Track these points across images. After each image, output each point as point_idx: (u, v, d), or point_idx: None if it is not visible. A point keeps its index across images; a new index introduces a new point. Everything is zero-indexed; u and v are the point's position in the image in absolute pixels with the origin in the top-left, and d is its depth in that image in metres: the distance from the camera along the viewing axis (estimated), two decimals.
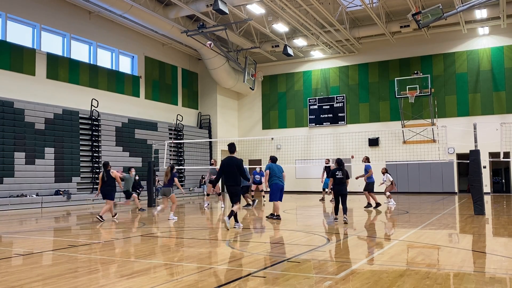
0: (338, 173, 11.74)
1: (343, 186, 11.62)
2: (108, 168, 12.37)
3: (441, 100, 26.05)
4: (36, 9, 19.75)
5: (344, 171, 11.70)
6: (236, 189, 10.24)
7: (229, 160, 10.23)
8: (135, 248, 7.95)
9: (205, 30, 20.42)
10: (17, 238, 9.43)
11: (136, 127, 23.77)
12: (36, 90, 19.42)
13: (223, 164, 10.29)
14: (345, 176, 11.67)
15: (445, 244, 8.14)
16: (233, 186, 10.17)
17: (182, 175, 26.92)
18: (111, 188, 12.37)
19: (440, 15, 15.01)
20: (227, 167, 10.19)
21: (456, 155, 24.34)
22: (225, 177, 10.28)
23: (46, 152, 18.96)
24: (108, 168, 12.37)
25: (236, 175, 10.11)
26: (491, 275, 5.68)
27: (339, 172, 11.70)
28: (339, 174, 11.72)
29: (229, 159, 10.26)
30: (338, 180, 11.72)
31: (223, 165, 10.28)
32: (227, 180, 10.25)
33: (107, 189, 12.31)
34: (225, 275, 5.72)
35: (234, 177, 10.12)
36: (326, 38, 25.51)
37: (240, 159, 10.41)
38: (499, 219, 12.20)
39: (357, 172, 27.37)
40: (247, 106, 31.57)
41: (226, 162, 10.24)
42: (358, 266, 6.15)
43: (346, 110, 28.54)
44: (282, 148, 28.46)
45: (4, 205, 16.63)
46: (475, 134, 13.50)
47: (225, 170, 10.21)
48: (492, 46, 25.29)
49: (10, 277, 5.59)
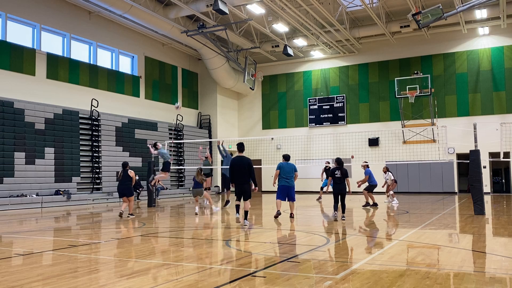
0: (337, 172, 11.93)
1: (342, 185, 11.85)
2: (127, 168, 13.15)
3: (441, 100, 26.06)
4: (36, 9, 19.76)
5: (343, 170, 11.87)
6: (246, 187, 10.53)
7: (239, 159, 10.50)
8: (135, 248, 7.95)
9: (205, 30, 20.42)
10: (17, 238, 9.43)
11: (136, 127, 23.76)
12: (36, 90, 19.41)
13: (233, 163, 10.50)
14: (344, 175, 11.83)
15: (445, 244, 8.14)
16: (243, 184, 10.51)
17: (182, 175, 26.92)
18: (128, 185, 13.10)
19: (440, 15, 15.00)
20: (237, 166, 10.46)
21: (456, 155, 24.35)
22: (235, 175, 10.51)
23: (46, 152, 18.96)
24: (127, 168, 13.15)
25: (246, 173, 10.44)
26: (491, 275, 5.68)
27: (338, 171, 11.90)
28: (338, 174, 11.92)
29: (240, 158, 10.55)
30: (337, 179, 11.93)
31: (233, 163, 10.49)
32: (237, 179, 10.51)
33: (124, 187, 13.06)
34: (225, 275, 5.72)
35: (244, 175, 10.45)
36: (326, 38, 25.51)
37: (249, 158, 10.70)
38: (499, 219, 12.20)
39: (357, 172, 27.43)
40: (247, 106, 31.57)
41: (237, 161, 10.50)
42: (358, 266, 6.14)
43: (346, 110, 28.54)
44: (282, 148, 28.47)
45: (4, 205, 16.63)
46: (475, 134, 13.50)
47: (235, 169, 10.45)
48: (492, 46, 25.29)
49: (10, 277, 5.59)
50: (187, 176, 27.20)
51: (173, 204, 19.87)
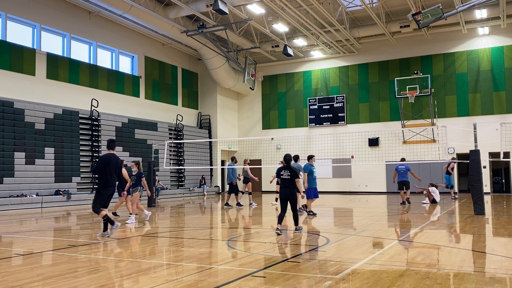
0: (283, 172, 9.21)
1: (290, 189, 9.19)
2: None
3: (441, 100, 26.06)
4: (36, 9, 19.75)
5: (292, 169, 9.26)
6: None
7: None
8: (135, 248, 7.95)
9: (205, 30, 20.42)
10: (17, 238, 9.43)
11: (136, 127, 23.76)
12: (36, 90, 19.41)
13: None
14: (293, 176, 9.20)
15: (445, 244, 8.14)
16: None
17: (182, 175, 26.93)
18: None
19: (440, 15, 15.01)
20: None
21: (456, 155, 24.34)
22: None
23: (46, 152, 18.95)
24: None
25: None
26: (491, 275, 5.68)
27: (285, 171, 9.22)
28: (284, 174, 9.20)
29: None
30: (284, 181, 9.18)
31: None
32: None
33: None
34: (225, 275, 5.72)
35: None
36: (326, 38, 25.51)
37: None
38: (499, 219, 12.20)
39: (357, 172, 27.47)
40: (247, 106, 31.57)
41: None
42: (358, 266, 6.14)
43: (346, 110, 28.53)
44: (282, 148, 28.47)
45: (4, 205, 16.63)
46: (475, 134, 13.50)
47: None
48: (492, 46, 25.29)
49: (10, 277, 5.59)
50: (187, 176, 27.21)
51: (173, 204, 19.87)
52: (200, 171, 27.92)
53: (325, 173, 27.13)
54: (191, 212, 16.00)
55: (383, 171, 26.76)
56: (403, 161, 17.49)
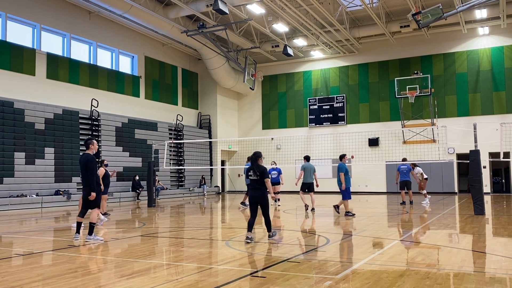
0: (251, 173, 8.29)
1: (259, 191, 8.22)
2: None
3: (441, 100, 26.06)
4: (36, 9, 19.75)
5: (260, 169, 8.22)
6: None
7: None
8: (135, 248, 7.94)
9: (205, 30, 20.43)
10: (17, 238, 9.43)
11: (136, 127, 23.76)
12: (36, 90, 19.41)
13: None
14: (262, 176, 8.19)
15: (445, 244, 8.14)
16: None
17: (182, 175, 26.93)
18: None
19: (440, 15, 15.01)
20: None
21: (456, 155, 24.34)
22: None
23: (46, 152, 18.95)
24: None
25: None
26: (491, 275, 5.68)
27: (252, 171, 8.28)
28: (252, 175, 8.27)
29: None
30: (253, 182, 8.29)
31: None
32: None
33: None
34: (225, 275, 5.71)
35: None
36: (326, 38, 25.51)
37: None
38: (499, 219, 12.20)
39: (358, 173, 27.45)
40: (247, 106, 31.57)
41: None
42: (358, 266, 6.14)
43: (346, 110, 28.53)
44: (282, 148, 28.47)
45: (4, 205, 16.63)
46: (475, 134, 13.50)
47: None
48: (492, 46, 25.29)
49: (10, 277, 5.59)
50: (187, 176, 27.21)
51: (173, 204, 19.87)
52: (200, 171, 27.92)
53: (325, 173, 27.11)
54: (191, 212, 16.00)
55: (383, 171, 26.76)
56: (404, 161, 17.46)
